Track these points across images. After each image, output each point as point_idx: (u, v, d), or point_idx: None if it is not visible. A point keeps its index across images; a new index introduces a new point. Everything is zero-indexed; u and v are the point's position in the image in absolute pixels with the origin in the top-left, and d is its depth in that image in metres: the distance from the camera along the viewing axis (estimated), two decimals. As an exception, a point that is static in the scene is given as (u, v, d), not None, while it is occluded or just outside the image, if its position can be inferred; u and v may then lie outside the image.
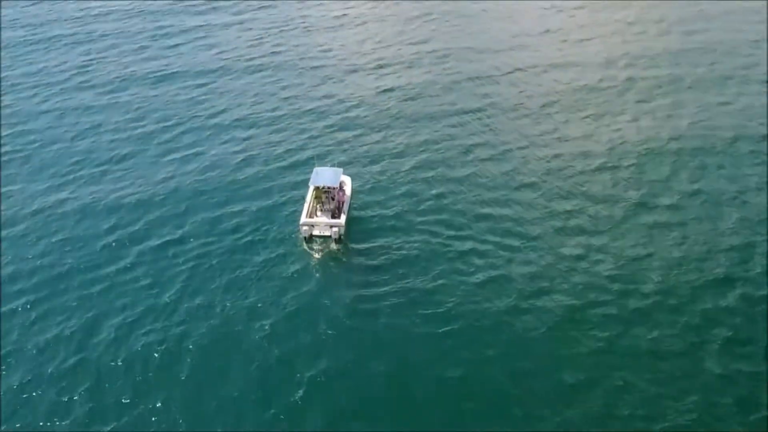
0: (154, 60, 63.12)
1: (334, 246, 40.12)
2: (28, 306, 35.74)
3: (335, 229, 40.13)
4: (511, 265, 38.74)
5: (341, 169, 42.87)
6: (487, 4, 77.38)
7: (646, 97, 56.96)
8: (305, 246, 40.10)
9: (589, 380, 31.95)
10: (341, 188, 42.69)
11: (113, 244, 40.14)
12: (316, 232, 40.51)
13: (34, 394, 31.26)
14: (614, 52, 64.85)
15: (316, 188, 41.81)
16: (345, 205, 41.93)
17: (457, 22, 72.17)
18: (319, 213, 41.57)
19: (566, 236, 41.17)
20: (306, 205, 41.61)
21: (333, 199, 41.87)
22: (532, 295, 36.70)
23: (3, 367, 32.42)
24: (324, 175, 41.56)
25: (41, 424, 30.08)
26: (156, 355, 32.90)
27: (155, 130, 51.87)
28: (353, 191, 43.99)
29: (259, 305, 35.85)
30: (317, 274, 38.08)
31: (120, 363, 32.60)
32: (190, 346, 33.42)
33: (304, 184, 43.85)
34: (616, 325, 34.94)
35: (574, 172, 47.15)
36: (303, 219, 40.64)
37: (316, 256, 39.44)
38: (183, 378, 31.91)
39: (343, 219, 40.76)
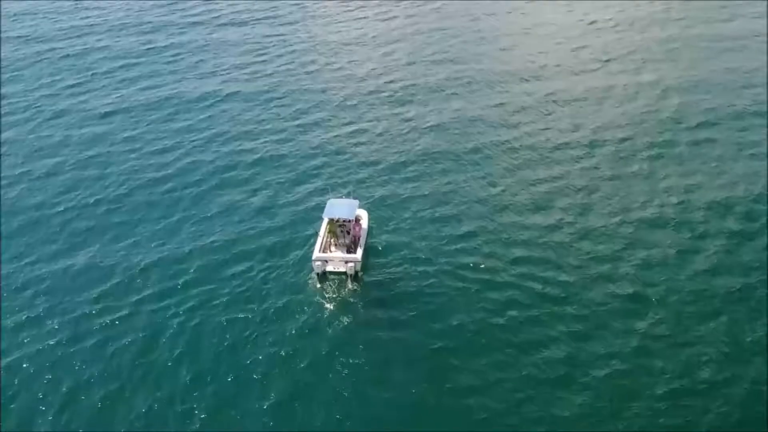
0: (151, 79, 61.70)
1: (349, 284, 38.43)
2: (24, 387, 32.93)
3: (351, 265, 38.43)
4: (554, 322, 35.59)
5: (357, 201, 41.25)
6: (506, 18, 75.93)
7: (702, 130, 53.44)
8: (318, 284, 38.36)
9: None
10: (357, 222, 40.94)
11: (109, 303, 37.25)
12: (330, 268, 38.80)
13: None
14: (655, 76, 62.09)
15: (330, 221, 40.14)
16: (362, 239, 40.27)
17: (477, 39, 70.65)
18: (333, 248, 39.95)
19: (616, 289, 37.69)
20: (319, 240, 39.98)
21: (348, 233, 40.24)
22: (579, 360, 33.41)
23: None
24: (339, 208, 39.91)
25: None
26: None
27: (154, 164, 49.30)
28: (370, 225, 42.25)
29: (267, 369, 33.18)
30: (329, 329, 35.39)
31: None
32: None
33: (317, 219, 42.04)
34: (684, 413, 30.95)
35: (623, 216, 43.57)
36: (316, 254, 38.95)
37: (330, 303, 37.24)
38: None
39: (359, 254, 39.08)
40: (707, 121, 54.82)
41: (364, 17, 76.32)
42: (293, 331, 35.27)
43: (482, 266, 39.45)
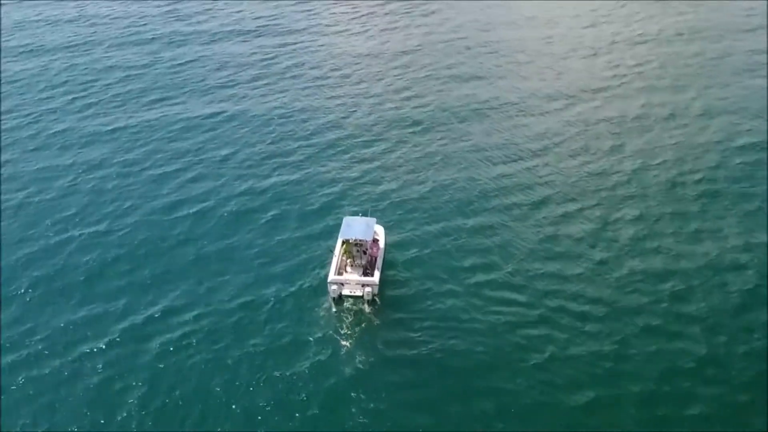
0: (157, 93, 60.77)
1: (366, 308, 36.78)
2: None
3: (368, 289, 36.86)
4: (592, 362, 33.65)
5: (374, 219, 39.71)
6: (525, 30, 74.60)
7: (751, 152, 51.04)
8: (333, 308, 36.76)
9: None
10: (374, 241, 39.47)
11: (117, 349, 35.25)
12: (346, 292, 37.27)
13: None
14: (691, 93, 60.26)
15: (346, 242, 38.66)
16: (379, 260, 38.69)
17: (498, 51, 69.18)
18: (349, 269, 38.41)
19: (663, 326, 35.50)
20: (334, 260, 38.43)
21: (365, 253, 38.66)
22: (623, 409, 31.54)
23: None
24: (355, 227, 38.37)
25: None
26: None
27: (160, 190, 47.46)
28: (387, 244, 40.61)
29: (281, 413, 31.36)
30: (347, 362, 33.73)
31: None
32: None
33: (332, 237, 40.57)
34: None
35: (676, 253, 40.83)
36: (331, 276, 37.44)
37: (346, 340, 35.23)
38: None
39: (377, 277, 37.48)
40: (755, 143, 52.23)
41: (376, 26, 75.56)
42: (309, 372, 33.41)
43: (515, 298, 37.48)
